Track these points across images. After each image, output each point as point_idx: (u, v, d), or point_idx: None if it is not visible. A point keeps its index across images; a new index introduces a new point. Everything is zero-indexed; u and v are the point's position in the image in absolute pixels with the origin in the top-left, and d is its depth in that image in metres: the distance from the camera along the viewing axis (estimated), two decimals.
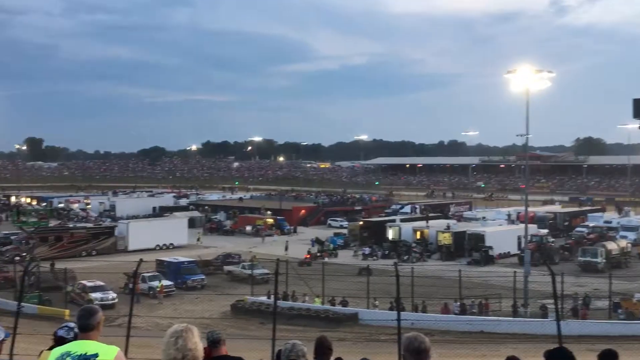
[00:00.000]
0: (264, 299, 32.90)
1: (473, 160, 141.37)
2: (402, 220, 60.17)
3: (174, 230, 56.83)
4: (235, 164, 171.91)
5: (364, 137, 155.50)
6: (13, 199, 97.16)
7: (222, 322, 28.91)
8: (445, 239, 51.39)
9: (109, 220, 71.31)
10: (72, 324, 4.89)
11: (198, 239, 57.98)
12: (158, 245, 53.71)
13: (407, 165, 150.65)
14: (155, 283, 36.16)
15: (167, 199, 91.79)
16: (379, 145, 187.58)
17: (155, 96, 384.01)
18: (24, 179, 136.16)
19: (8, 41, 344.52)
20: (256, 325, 28.02)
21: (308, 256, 48.58)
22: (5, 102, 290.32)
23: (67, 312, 30.02)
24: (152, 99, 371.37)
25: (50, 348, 4.43)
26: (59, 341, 4.55)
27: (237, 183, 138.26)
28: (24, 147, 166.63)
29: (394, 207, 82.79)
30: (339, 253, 52.43)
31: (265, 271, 38.86)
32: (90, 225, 61.37)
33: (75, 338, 4.20)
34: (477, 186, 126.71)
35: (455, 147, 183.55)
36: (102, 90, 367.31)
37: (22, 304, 17.16)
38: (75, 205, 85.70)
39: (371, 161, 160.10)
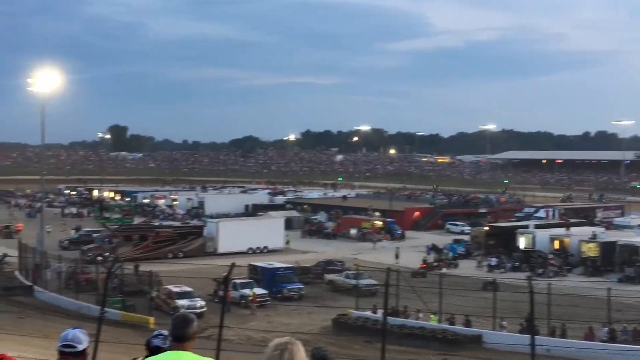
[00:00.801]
0: (370, 314, 32.98)
1: (627, 155, 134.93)
2: (537, 227, 58.40)
3: (269, 232, 57.98)
4: (339, 157, 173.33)
5: (490, 126, 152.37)
6: (96, 193, 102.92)
7: (322, 339, 29.22)
8: (591, 250, 49.46)
9: (197, 218, 73.96)
10: (166, 332, 5.12)
11: (287, 242, 58.90)
12: (250, 249, 55.09)
13: (544, 161, 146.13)
14: (248, 291, 37.07)
15: (261, 196, 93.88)
16: (509, 137, 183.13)
17: (250, 79, 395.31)
18: (106, 171, 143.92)
19: (91, 20, 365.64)
20: (361, 344, 28.13)
21: (424, 266, 48.24)
22: (89, 86, 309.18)
23: (151, 319, 31.43)
24: (245, 83, 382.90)
25: (145, 357, 4.66)
26: (154, 351, 4.77)
27: (340, 179, 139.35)
28: (108, 136, 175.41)
29: (526, 210, 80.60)
30: (460, 263, 51.68)
31: (373, 282, 38.91)
32: (177, 224, 63.86)
33: (169, 348, 4.38)
34: (631, 187, 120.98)
35: (604, 140, 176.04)
36: (192, 73, 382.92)
37: (105, 309, 18.14)
38: (161, 201, 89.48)
39: (499, 155, 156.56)
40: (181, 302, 33.50)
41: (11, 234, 62.40)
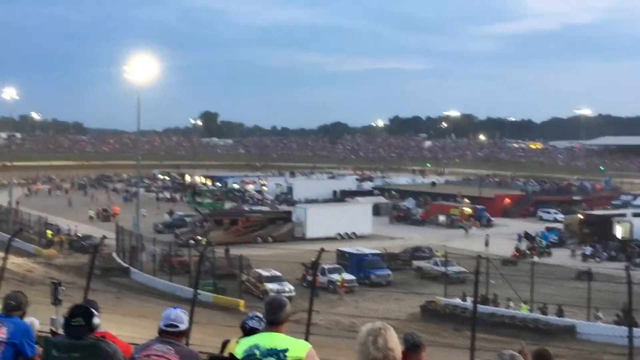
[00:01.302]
0: (459, 301, 32.62)
1: None
2: (635, 215, 56.22)
3: (357, 218, 58.12)
4: (428, 143, 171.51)
5: (586, 111, 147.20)
6: (188, 178, 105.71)
7: (410, 325, 29.10)
8: None
9: (286, 204, 74.85)
10: (261, 315, 5.21)
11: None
12: (339, 234, 55.40)
13: None
14: (336, 276, 37.32)
15: (349, 182, 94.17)
16: (606, 122, 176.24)
17: (337, 65, 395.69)
18: (198, 156, 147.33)
19: (183, 7, 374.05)
20: (450, 331, 27.87)
21: (517, 254, 47.27)
22: (181, 73, 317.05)
23: (242, 302, 32.15)
24: (333, 68, 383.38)
25: (240, 338, 4.77)
26: (250, 332, 4.87)
27: (429, 165, 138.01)
28: (199, 122, 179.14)
29: (623, 198, 77.68)
30: (553, 252, 50.37)
31: (462, 269, 38.44)
32: (266, 209, 64.92)
33: (264, 330, 4.45)
34: None
35: None
36: (280, 59, 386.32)
37: (198, 291, 18.64)
38: (251, 187, 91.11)
39: (595, 141, 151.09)
40: (270, 286, 34.01)
41: (109, 217, 65.06)
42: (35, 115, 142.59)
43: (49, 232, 52.21)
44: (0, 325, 5.65)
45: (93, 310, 4.86)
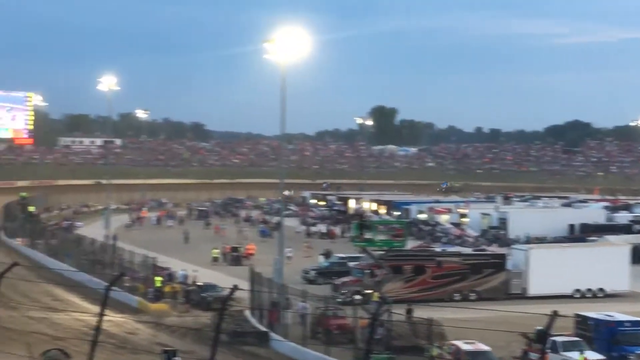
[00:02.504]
0: None
1: None
2: None
3: (607, 267, 56.29)
4: None
5: None
6: (352, 203, 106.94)
7: None
8: None
9: (497, 244, 73.75)
10: None
11: None
12: (577, 291, 54.06)
13: None
14: (575, 355, 36.34)
15: (595, 212, 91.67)
16: None
17: (572, 35, 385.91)
18: (367, 172, 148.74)
19: None
20: None
21: None
22: (343, 51, 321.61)
23: None
24: (566, 41, 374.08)
25: None
26: None
27: None
28: (369, 122, 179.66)
29: None
30: None
31: None
32: (467, 250, 64.21)
33: None
34: None
35: None
36: (484, 28, 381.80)
37: None
38: (444, 217, 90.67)
39: None
40: None
41: (240, 259, 67.12)
42: (141, 114, 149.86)
43: (158, 278, 54.48)
44: None
45: None
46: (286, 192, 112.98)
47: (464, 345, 35.86)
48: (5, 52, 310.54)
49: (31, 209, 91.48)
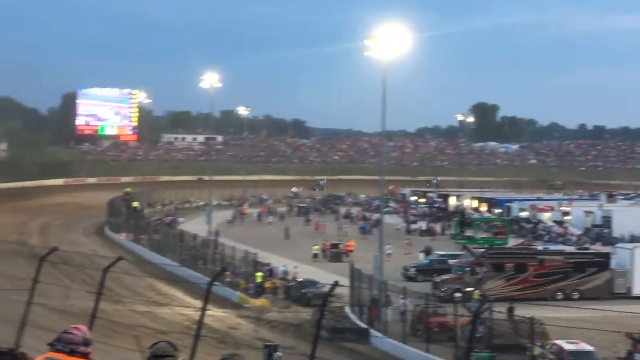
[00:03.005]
0: None
1: None
2: None
3: None
4: None
5: None
6: (453, 200, 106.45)
7: None
8: None
9: (601, 242, 72.66)
10: None
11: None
12: None
13: None
14: None
15: None
16: None
17: None
18: (468, 169, 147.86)
19: None
20: None
21: None
22: (443, 48, 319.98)
23: None
24: None
25: None
26: None
27: None
28: (470, 119, 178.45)
29: None
30: None
31: None
32: (570, 249, 63.38)
33: None
34: None
35: None
36: (591, 23, 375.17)
37: None
38: (547, 215, 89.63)
39: None
40: None
41: (340, 256, 67.47)
42: (243, 111, 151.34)
43: (259, 274, 55.13)
44: None
45: None
46: (387, 188, 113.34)
47: (566, 345, 35.40)
48: (112, 51, 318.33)
49: (135, 204, 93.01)
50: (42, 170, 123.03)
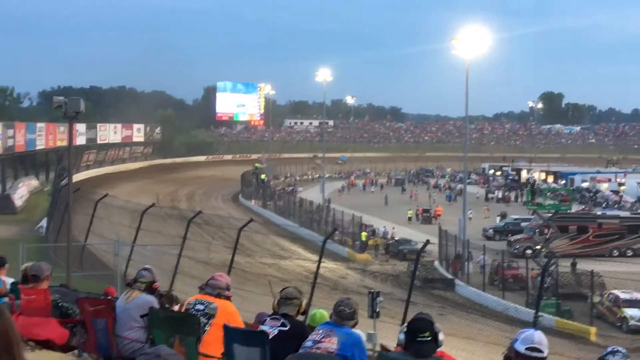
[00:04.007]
0: None
1: None
2: None
3: None
4: None
5: None
6: (524, 173, 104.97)
7: None
8: None
9: None
10: (624, 350, 5.14)
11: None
12: None
13: None
14: None
15: None
16: None
17: None
18: (537, 147, 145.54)
19: None
20: None
21: None
22: (518, 47, 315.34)
23: (592, 330, 31.19)
24: None
25: None
26: None
27: None
28: (539, 105, 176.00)
29: None
30: None
31: None
32: (625, 214, 62.06)
33: None
34: None
35: None
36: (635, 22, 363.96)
37: (539, 313, 18.56)
38: (605, 186, 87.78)
39: None
40: (631, 312, 32.82)
41: (430, 219, 67.33)
42: (350, 100, 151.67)
43: (363, 234, 55.31)
44: (330, 334, 6.26)
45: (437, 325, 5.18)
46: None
47: (622, 294, 34.81)
48: (244, 51, 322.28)
49: (263, 176, 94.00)
50: (188, 149, 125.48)
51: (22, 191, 70.47)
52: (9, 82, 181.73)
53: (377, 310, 20.40)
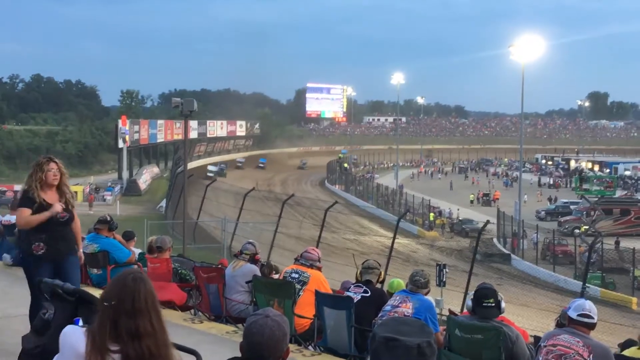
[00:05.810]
0: None
1: None
2: None
3: None
4: None
5: None
6: (573, 163, 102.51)
7: None
8: None
9: None
10: None
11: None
12: None
13: None
14: None
15: None
16: None
17: None
18: (584, 140, 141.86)
19: None
20: None
21: None
22: (568, 51, 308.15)
23: (634, 300, 30.42)
24: None
25: None
26: None
27: None
28: (587, 104, 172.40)
29: None
30: None
31: None
32: None
33: None
34: None
35: None
36: None
37: (585, 284, 18.13)
38: None
39: None
40: None
41: (489, 202, 66.37)
42: (420, 99, 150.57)
43: (431, 214, 54.99)
44: (406, 300, 6.28)
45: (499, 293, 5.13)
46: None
47: None
48: (330, 57, 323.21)
49: (345, 165, 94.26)
50: (283, 142, 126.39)
51: (145, 177, 72.36)
52: (135, 86, 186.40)
53: (444, 280, 20.27)
